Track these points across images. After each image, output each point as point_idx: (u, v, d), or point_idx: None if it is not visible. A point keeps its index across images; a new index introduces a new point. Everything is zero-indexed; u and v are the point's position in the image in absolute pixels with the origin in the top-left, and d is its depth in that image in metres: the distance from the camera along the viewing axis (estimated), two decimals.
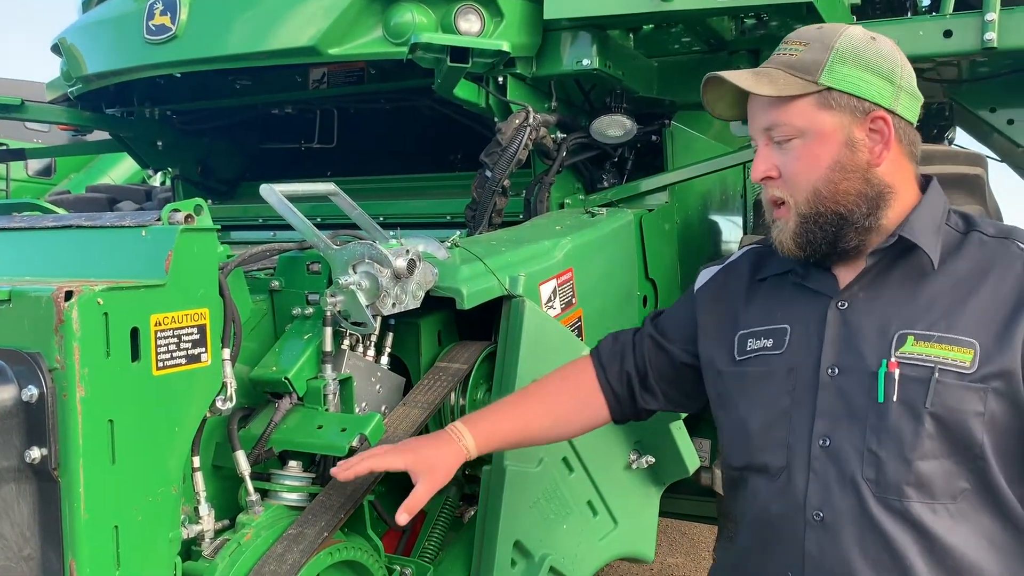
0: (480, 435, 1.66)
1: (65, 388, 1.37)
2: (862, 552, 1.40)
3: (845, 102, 1.44)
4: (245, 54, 2.63)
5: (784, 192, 1.47)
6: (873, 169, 1.45)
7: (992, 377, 1.36)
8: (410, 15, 2.52)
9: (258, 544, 1.66)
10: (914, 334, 1.40)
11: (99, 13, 3.02)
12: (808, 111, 1.44)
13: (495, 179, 2.50)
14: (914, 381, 1.38)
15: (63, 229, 1.75)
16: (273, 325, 1.96)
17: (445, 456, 1.62)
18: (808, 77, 1.44)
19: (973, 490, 1.38)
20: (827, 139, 1.44)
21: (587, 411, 1.77)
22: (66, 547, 1.39)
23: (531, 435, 1.75)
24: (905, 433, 1.37)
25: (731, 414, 1.58)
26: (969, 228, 1.48)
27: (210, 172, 3.76)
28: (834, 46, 1.45)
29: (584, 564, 2.16)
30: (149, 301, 1.48)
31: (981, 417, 1.36)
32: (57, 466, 1.38)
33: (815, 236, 1.46)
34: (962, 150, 3.49)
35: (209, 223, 1.61)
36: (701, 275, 1.76)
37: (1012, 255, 1.42)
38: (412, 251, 1.85)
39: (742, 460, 1.55)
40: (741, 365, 1.56)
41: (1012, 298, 1.38)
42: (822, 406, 1.45)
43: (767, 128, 1.47)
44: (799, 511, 1.45)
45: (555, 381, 1.80)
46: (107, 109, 3.46)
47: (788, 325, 1.52)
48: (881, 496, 1.39)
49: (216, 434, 1.78)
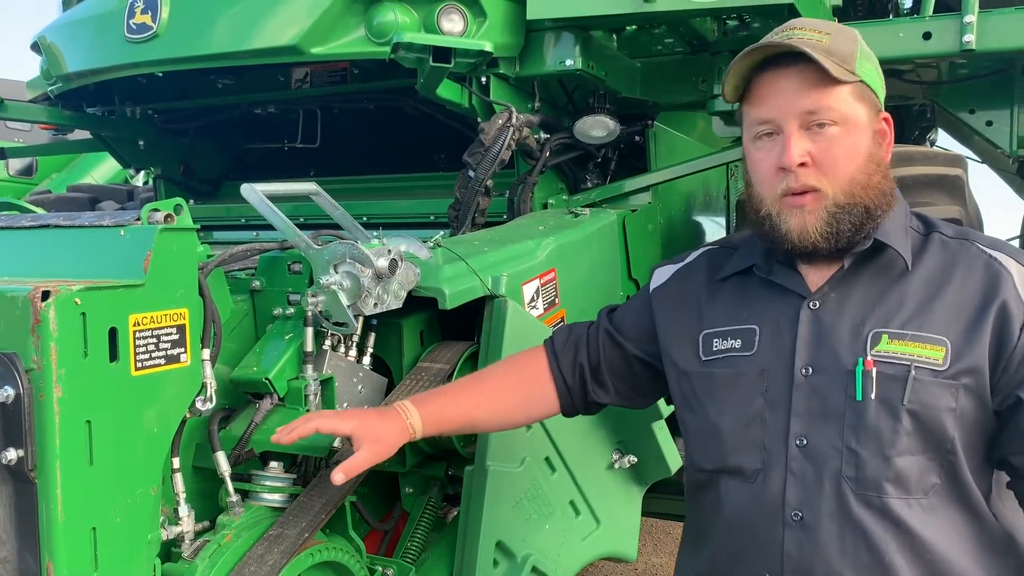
0: (427, 416, 1.64)
1: (42, 389, 1.35)
2: (841, 549, 1.41)
3: (870, 97, 1.45)
4: (227, 53, 2.61)
5: (820, 180, 1.42)
6: (887, 168, 1.47)
7: (963, 374, 1.38)
8: (392, 15, 2.51)
9: (238, 545, 1.65)
10: (888, 332, 1.41)
11: (80, 11, 2.99)
12: (849, 99, 1.43)
13: (478, 179, 2.50)
14: (892, 379, 1.39)
15: (41, 229, 1.73)
16: (254, 325, 1.96)
17: (390, 430, 1.60)
18: (847, 66, 1.41)
19: (943, 485, 1.41)
20: (863, 130, 1.44)
21: (536, 401, 1.75)
22: (43, 549, 1.37)
23: (478, 422, 1.73)
24: (884, 430, 1.39)
25: (699, 416, 1.57)
26: (929, 230, 1.51)
27: (192, 172, 3.74)
28: (857, 38, 1.45)
29: (567, 564, 2.16)
30: (128, 301, 1.47)
31: (953, 413, 1.38)
32: (34, 467, 1.36)
33: (844, 227, 1.43)
34: (942, 151, 3.52)
35: (189, 222, 1.60)
36: (656, 274, 1.75)
37: (973, 255, 1.45)
38: (394, 251, 1.85)
39: (713, 463, 1.55)
40: (708, 366, 1.56)
41: (977, 298, 1.41)
42: (797, 406, 1.45)
43: (809, 111, 1.42)
44: (777, 512, 1.45)
45: (506, 369, 1.79)
46: (88, 108, 3.43)
47: (757, 326, 1.52)
48: (861, 493, 1.40)
49: (196, 435, 1.78)
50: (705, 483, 1.58)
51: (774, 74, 1.44)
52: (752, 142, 1.50)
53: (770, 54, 1.44)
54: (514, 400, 1.74)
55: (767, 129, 1.46)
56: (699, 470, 1.59)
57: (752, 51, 1.45)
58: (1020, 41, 2.40)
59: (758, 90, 1.47)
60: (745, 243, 1.62)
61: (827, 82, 1.40)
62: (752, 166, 1.51)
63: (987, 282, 1.41)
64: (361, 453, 1.55)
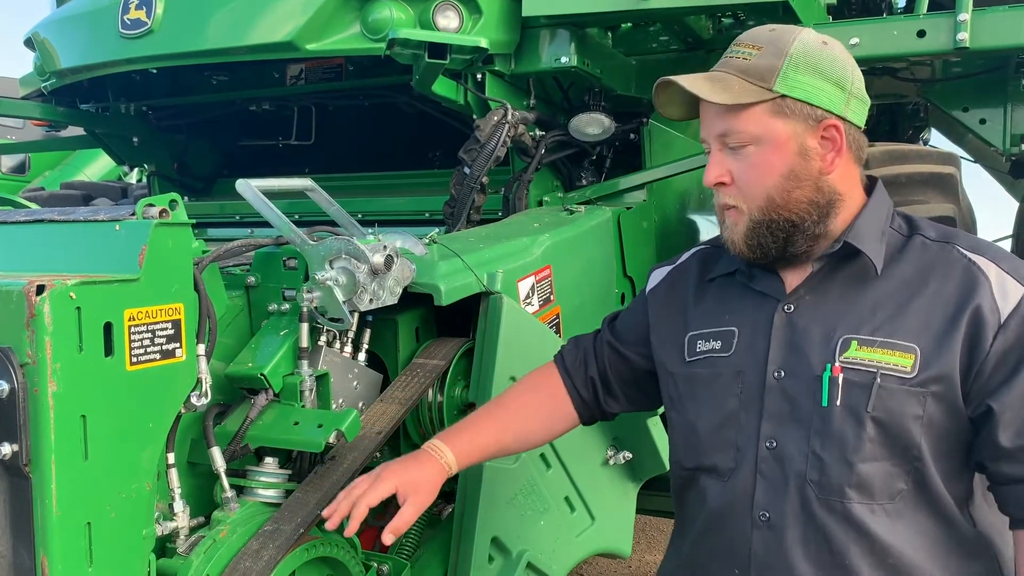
0: (459, 451, 1.67)
1: (37, 383, 1.35)
2: (805, 552, 1.42)
3: (799, 110, 1.43)
4: (222, 49, 2.61)
5: (737, 198, 1.47)
6: (825, 177, 1.46)
7: (931, 381, 1.37)
8: (388, 11, 2.52)
9: (233, 541, 1.65)
10: (857, 339, 1.41)
11: (74, 7, 2.98)
12: (763, 118, 1.43)
13: (473, 176, 2.50)
14: (857, 386, 1.39)
15: (36, 224, 1.73)
16: (249, 321, 1.95)
17: (429, 476, 1.62)
18: (763, 84, 1.41)
19: (910, 490, 1.40)
20: (781, 147, 1.44)
21: (558, 418, 1.79)
22: (38, 544, 1.37)
23: (507, 446, 1.77)
24: (848, 436, 1.39)
25: (681, 415, 1.59)
26: (912, 231, 1.50)
27: (187, 169, 3.73)
28: (788, 52, 1.42)
29: (561, 560, 2.17)
30: (123, 295, 1.47)
31: (920, 420, 1.38)
32: (28, 462, 1.36)
33: (766, 240, 1.46)
34: (935, 150, 3.53)
35: (184, 218, 1.59)
36: (652, 276, 1.77)
37: (953, 259, 1.43)
38: (390, 247, 1.85)
39: (692, 461, 1.57)
40: (691, 367, 1.58)
41: (952, 304, 1.39)
42: (769, 409, 1.46)
43: (721, 134, 1.46)
44: (747, 511, 1.47)
45: (526, 392, 1.82)
46: (82, 105, 3.43)
47: (736, 328, 1.53)
48: (824, 498, 1.41)
49: (191, 431, 1.77)
50: (687, 481, 1.60)
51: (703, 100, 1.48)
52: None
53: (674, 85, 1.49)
54: (538, 420, 1.77)
55: (705, 148, 1.53)
56: (681, 468, 1.61)
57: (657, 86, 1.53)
58: (1014, 39, 2.41)
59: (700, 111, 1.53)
60: None
61: (734, 106, 1.43)
62: None
63: (963, 287, 1.40)
64: (407, 508, 1.57)
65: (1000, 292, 1.38)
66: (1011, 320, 1.36)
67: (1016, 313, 1.36)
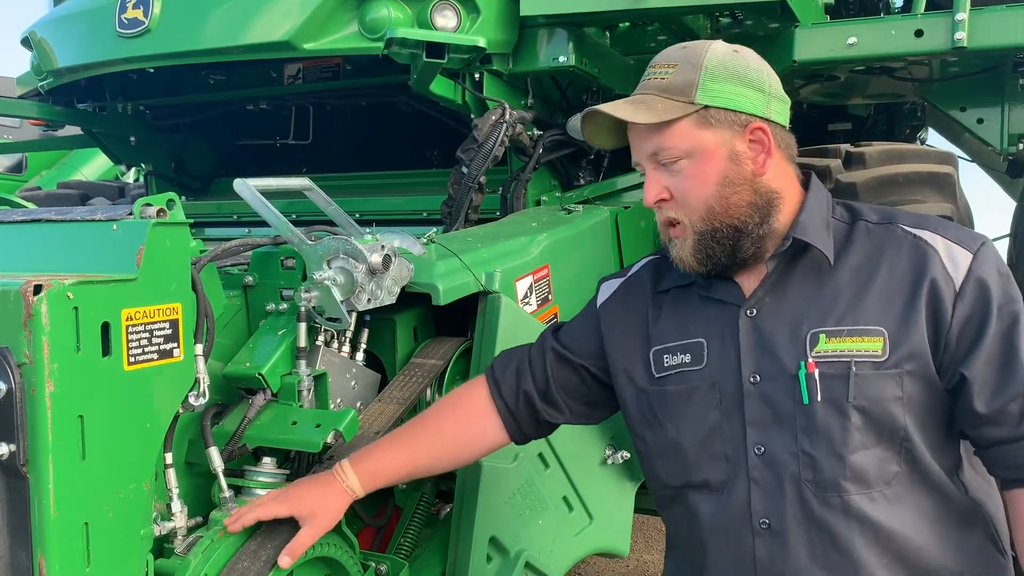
0: (365, 475, 1.66)
1: (34, 383, 1.35)
2: (810, 552, 1.42)
3: (723, 117, 1.46)
4: (219, 48, 2.60)
5: (678, 212, 1.49)
6: (759, 178, 1.48)
7: (904, 360, 1.40)
8: (386, 10, 2.51)
9: (232, 541, 1.64)
10: (825, 331, 1.43)
11: (71, 6, 2.98)
12: (689, 132, 1.46)
13: (471, 175, 2.50)
14: (834, 378, 1.41)
15: (33, 223, 1.72)
16: (247, 321, 1.95)
17: (328, 500, 1.63)
18: (683, 99, 1.45)
19: (904, 472, 1.42)
20: (712, 156, 1.47)
21: (479, 435, 1.74)
22: (35, 544, 1.37)
23: (422, 467, 1.72)
24: (834, 430, 1.40)
25: (659, 433, 1.58)
26: (854, 218, 1.53)
27: (184, 168, 3.73)
28: (703, 64, 1.46)
29: (560, 559, 2.16)
30: (120, 295, 1.46)
31: (900, 401, 1.40)
32: (26, 462, 1.35)
33: (714, 251, 1.48)
34: (933, 149, 3.54)
35: (182, 217, 1.59)
36: (602, 289, 1.76)
37: (899, 238, 1.47)
38: (387, 247, 1.85)
39: (680, 479, 1.56)
40: (661, 383, 1.57)
41: (907, 281, 1.42)
42: (751, 415, 1.47)
43: (652, 153, 1.49)
44: (745, 521, 1.47)
45: (445, 408, 1.78)
46: (79, 104, 3.42)
47: (704, 339, 1.54)
48: (821, 495, 1.42)
49: (189, 431, 1.77)
50: (673, 498, 1.60)
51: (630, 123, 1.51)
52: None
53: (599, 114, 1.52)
54: (455, 437, 1.73)
55: (640, 170, 1.54)
56: (665, 487, 1.60)
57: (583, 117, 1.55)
58: (1011, 38, 2.42)
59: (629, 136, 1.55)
60: None
61: (660, 124, 1.45)
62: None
63: (915, 263, 1.43)
64: (303, 533, 1.59)
65: (950, 262, 1.41)
66: (965, 287, 1.40)
67: (969, 279, 1.40)
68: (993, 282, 1.40)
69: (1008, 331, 1.39)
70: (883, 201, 3.02)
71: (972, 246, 1.43)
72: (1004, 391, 1.38)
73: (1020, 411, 1.38)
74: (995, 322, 1.39)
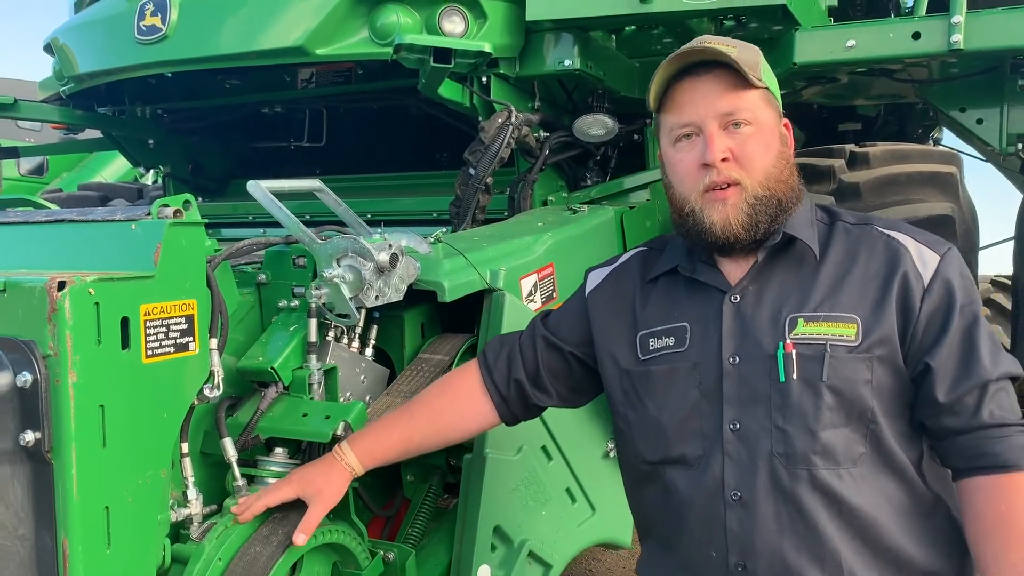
0: (363, 453, 1.74)
1: (58, 374, 1.42)
2: (778, 523, 1.49)
3: (773, 103, 1.59)
4: (234, 54, 2.68)
5: (740, 173, 1.54)
6: (793, 164, 1.60)
7: (875, 346, 1.48)
8: (395, 16, 2.58)
9: (244, 527, 1.71)
10: (803, 316, 1.51)
11: (91, 13, 3.07)
12: (759, 102, 1.56)
13: (478, 177, 2.56)
14: (810, 359, 1.49)
15: (56, 223, 1.80)
16: (260, 317, 2.02)
17: (331, 478, 1.72)
18: (755, 73, 1.54)
19: (869, 453, 1.49)
20: (771, 130, 1.57)
21: (470, 416, 1.81)
22: (59, 527, 1.44)
23: (416, 446, 1.80)
24: (807, 407, 1.48)
25: (640, 411, 1.65)
26: (833, 219, 1.63)
27: (201, 170, 3.82)
28: (759, 52, 1.57)
29: (563, 549, 2.22)
30: (139, 291, 1.54)
31: (869, 384, 1.48)
32: (50, 449, 1.43)
33: (761, 218, 1.54)
34: (937, 149, 3.57)
35: (197, 217, 1.66)
36: (590, 277, 1.82)
37: (874, 237, 1.57)
38: (395, 245, 1.92)
39: (658, 455, 1.62)
40: (645, 364, 1.64)
41: (881, 274, 1.52)
42: (728, 393, 1.54)
43: (727, 113, 1.54)
44: (718, 494, 1.54)
45: (439, 390, 1.85)
46: (99, 108, 3.51)
47: (687, 323, 1.61)
48: (791, 468, 1.49)
49: (204, 422, 1.84)
50: (648, 474, 1.66)
51: (691, 82, 1.56)
52: (672, 145, 1.60)
53: (692, 60, 1.56)
54: (449, 419, 1.81)
55: (687, 131, 1.57)
56: (644, 462, 1.67)
57: (677, 56, 1.56)
58: (1007, 40, 2.46)
59: (677, 97, 1.58)
60: (671, 244, 1.72)
61: (741, 86, 1.53)
62: (672, 168, 1.61)
63: (888, 259, 1.53)
64: (311, 509, 1.68)
65: (920, 261, 1.52)
66: (933, 284, 1.50)
67: (936, 277, 1.50)
68: (957, 283, 1.51)
69: (969, 328, 1.49)
70: (886, 200, 3.07)
71: (940, 250, 1.54)
72: (963, 382, 1.47)
73: (976, 403, 1.46)
74: (958, 318, 1.48)
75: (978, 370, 1.46)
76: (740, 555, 1.52)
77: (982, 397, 1.46)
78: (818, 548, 1.48)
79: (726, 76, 1.53)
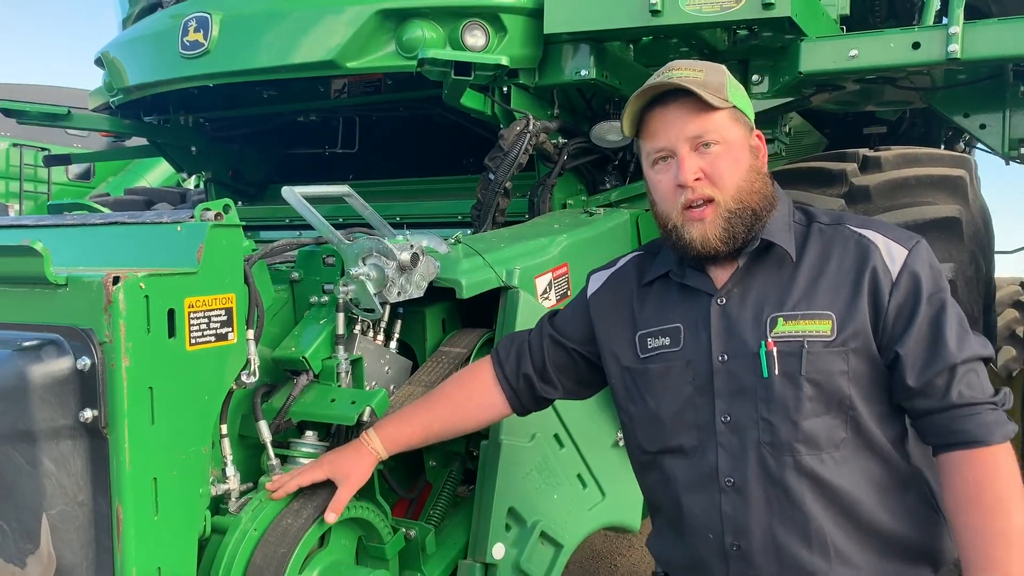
0: (387, 439, 1.91)
1: (112, 359, 1.59)
2: (768, 506, 1.63)
3: (742, 119, 1.70)
4: (271, 67, 2.84)
5: (714, 191, 1.67)
6: (765, 175, 1.72)
7: (849, 339, 1.60)
8: (420, 31, 2.73)
9: (278, 502, 1.88)
10: (783, 316, 1.64)
11: (138, 30, 3.25)
12: (726, 122, 1.68)
13: (497, 181, 2.71)
14: (789, 355, 1.62)
15: (110, 225, 1.99)
16: (293, 312, 2.19)
17: (359, 461, 1.88)
18: (720, 95, 1.66)
19: (850, 438, 1.62)
20: (741, 146, 1.69)
21: (485, 407, 1.98)
22: (113, 495, 1.61)
23: (436, 434, 1.98)
24: (789, 399, 1.61)
25: (640, 406, 1.79)
26: (810, 221, 1.74)
27: (240, 176, 3.98)
28: (725, 73, 1.70)
29: (574, 530, 2.35)
30: (183, 286, 1.71)
31: (846, 375, 1.60)
32: (106, 425, 1.60)
33: (738, 230, 1.67)
34: (947, 153, 3.64)
35: (236, 220, 1.84)
36: (592, 280, 1.96)
37: (846, 236, 1.69)
38: (416, 246, 2.07)
39: (657, 445, 1.77)
40: (645, 362, 1.78)
41: (853, 271, 1.64)
42: (719, 388, 1.68)
43: (695, 136, 1.66)
44: (713, 480, 1.68)
45: (457, 383, 2.01)
46: (145, 117, 3.68)
47: (681, 324, 1.75)
48: (777, 456, 1.62)
49: (242, 407, 2.00)
50: (649, 464, 1.81)
51: (661, 110, 1.69)
52: (651, 168, 1.74)
53: (658, 92, 1.69)
54: (465, 409, 1.98)
55: (662, 155, 1.70)
56: (645, 452, 1.81)
57: (642, 92, 1.69)
58: (1002, 50, 2.54)
59: (650, 125, 1.72)
60: (664, 249, 1.83)
61: (707, 109, 1.65)
62: (654, 188, 1.74)
63: (859, 257, 1.64)
64: (340, 491, 1.85)
65: (888, 256, 1.63)
66: (900, 277, 1.61)
67: (904, 271, 1.62)
68: (924, 274, 1.62)
69: (936, 316, 1.60)
70: (895, 203, 3.15)
71: (908, 244, 1.65)
72: (931, 366, 1.58)
73: (946, 384, 1.58)
74: (925, 307, 1.60)
75: (945, 354, 1.57)
76: (735, 536, 1.66)
77: (951, 379, 1.57)
78: (805, 527, 1.61)
79: (692, 102, 1.65)
